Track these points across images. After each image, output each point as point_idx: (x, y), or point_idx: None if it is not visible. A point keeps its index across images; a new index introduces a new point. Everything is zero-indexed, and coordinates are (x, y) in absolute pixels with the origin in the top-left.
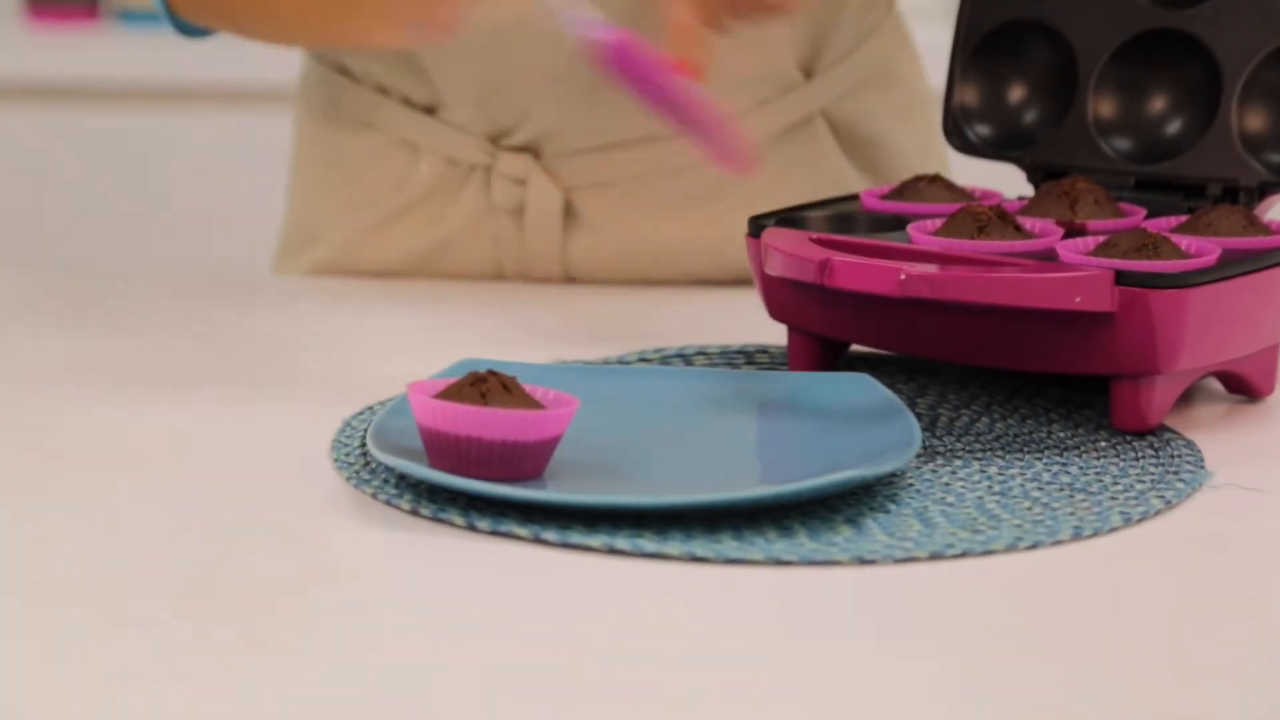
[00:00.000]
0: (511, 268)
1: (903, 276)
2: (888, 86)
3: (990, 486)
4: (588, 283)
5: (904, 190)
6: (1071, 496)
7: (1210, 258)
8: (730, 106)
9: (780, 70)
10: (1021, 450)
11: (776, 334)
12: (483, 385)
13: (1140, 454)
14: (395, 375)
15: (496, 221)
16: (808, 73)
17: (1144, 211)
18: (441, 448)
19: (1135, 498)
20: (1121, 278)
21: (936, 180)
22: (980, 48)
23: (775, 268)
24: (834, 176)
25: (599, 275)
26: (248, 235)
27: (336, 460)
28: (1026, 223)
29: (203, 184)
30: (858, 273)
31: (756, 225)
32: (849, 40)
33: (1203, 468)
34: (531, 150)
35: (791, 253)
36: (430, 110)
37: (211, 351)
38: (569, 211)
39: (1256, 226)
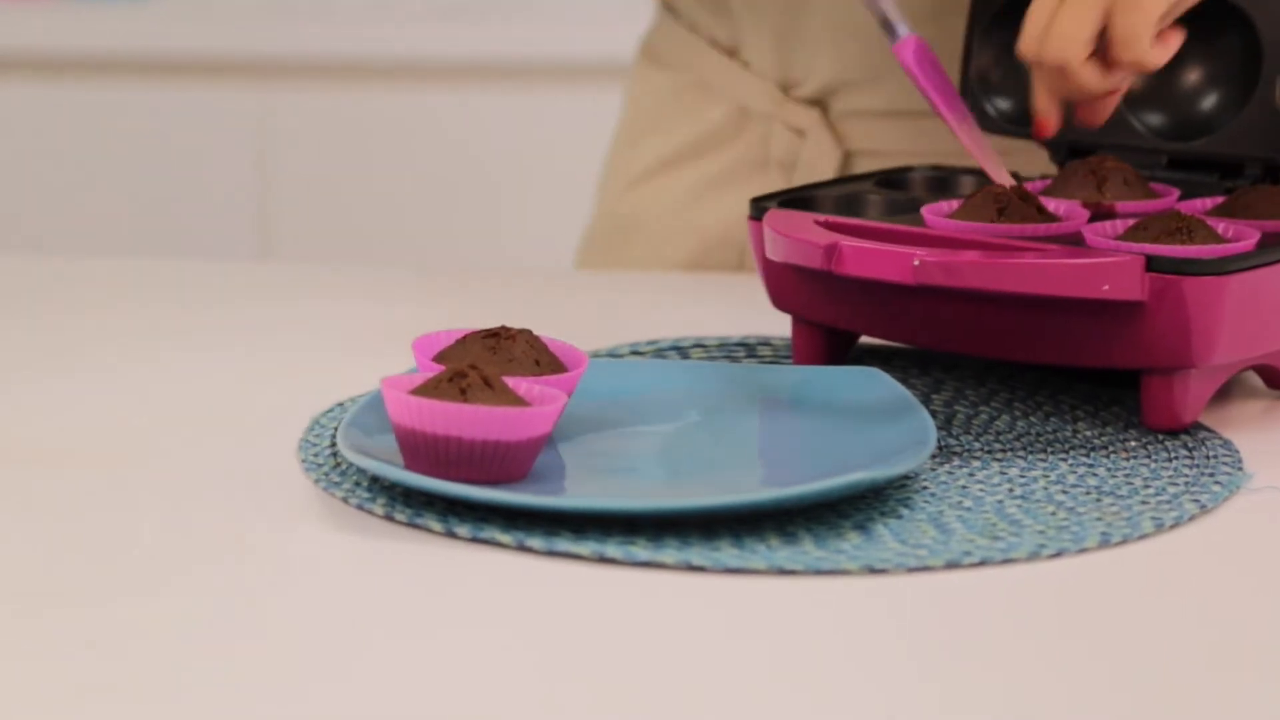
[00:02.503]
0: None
1: (916, 262)
2: None
3: (1011, 490)
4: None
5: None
6: (1099, 500)
7: (1249, 242)
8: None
9: None
10: (1045, 450)
11: (780, 324)
12: (462, 380)
13: (1173, 454)
14: (368, 369)
15: (766, 176)
16: None
17: (1177, 192)
18: (418, 448)
19: (1168, 502)
20: (1153, 264)
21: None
22: (1000, 14)
23: (779, 253)
24: None
25: None
26: (223, 216)
27: (304, 461)
28: (1050, 204)
29: (175, 161)
30: (868, 258)
31: (758, 207)
32: None
33: (1241, 469)
34: (820, 104)
35: (796, 237)
36: (731, 53)
37: (169, 343)
38: None
39: None
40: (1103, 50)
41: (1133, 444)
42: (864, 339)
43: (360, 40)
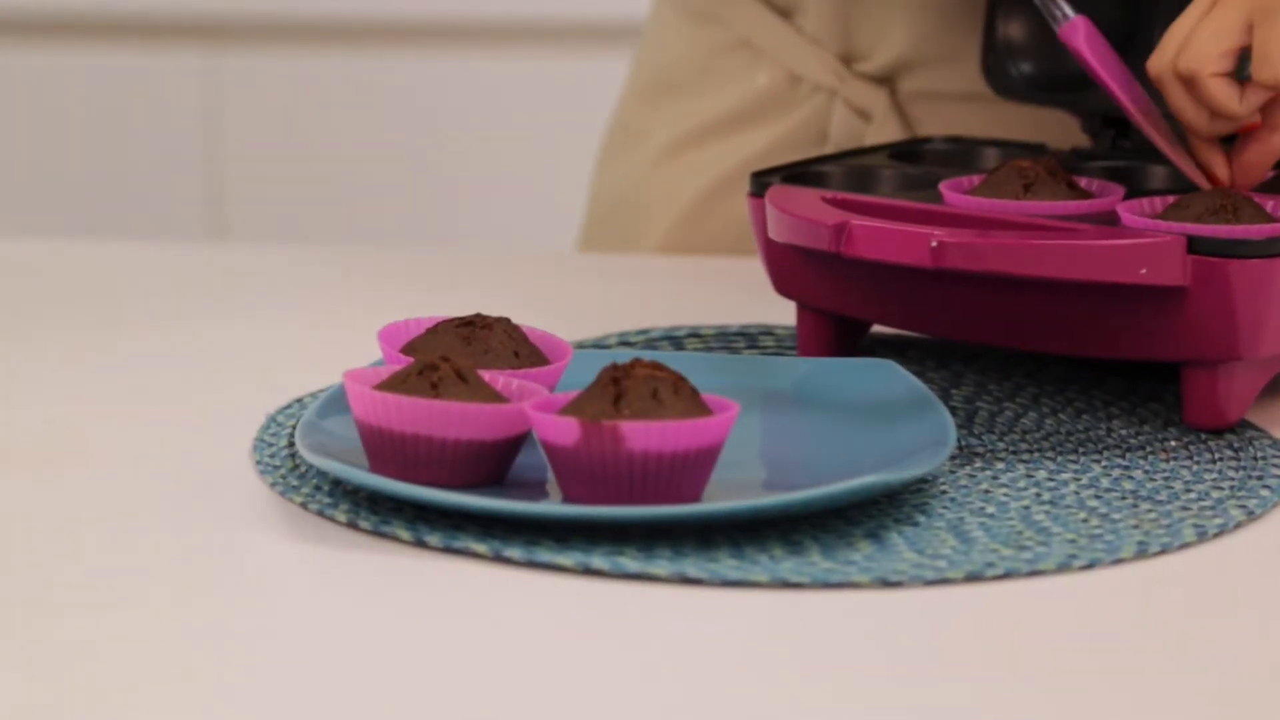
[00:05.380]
0: None
1: (934, 243)
2: None
3: (1038, 494)
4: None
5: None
6: (1135, 506)
7: None
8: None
9: None
10: (1076, 451)
11: (784, 312)
12: (434, 374)
13: (1217, 455)
14: (329, 361)
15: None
16: None
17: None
18: (385, 448)
19: (1211, 507)
20: (1195, 245)
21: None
22: None
23: (782, 233)
24: None
25: None
26: (167, 192)
27: (260, 463)
28: (1082, 180)
29: (112, 132)
30: (881, 239)
31: (759, 182)
32: None
33: None
34: (887, 82)
35: (801, 215)
36: (786, 13)
37: (109, 334)
38: None
39: None
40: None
41: (1173, 444)
42: (876, 328)
43: None
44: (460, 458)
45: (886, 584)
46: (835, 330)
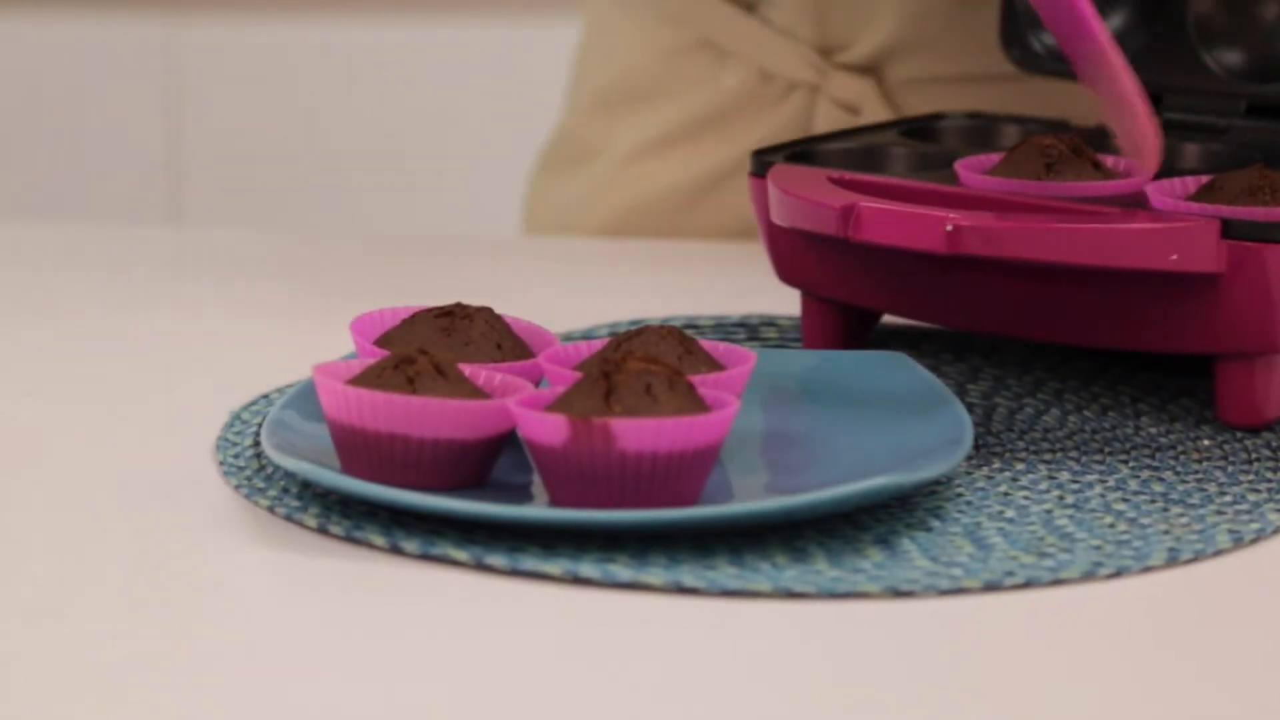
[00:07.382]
0: None
1: (949, 227)
2: None
3: (1061, 497)
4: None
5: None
6: (1166, 510)
7: None
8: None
9: None
10: (1101, 451)
11: (787, 301)
12: (410, 368)
13: (1254, 456)
14: (298, 354)
15: None
16: None
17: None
18: (358, 448)
19: (1247, 511)
20: (1230, 229)
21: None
22: None
23: (786, 216)
24: None
25: None
26: (125, 171)
27: (223, 464)
28: (1109, 159)
29: (66, 106)
30: (892, 222)
31: (761, 162)
32: None
33: None
34: (872, 72)
35: (806, 197)
36: (750, 7)
37: (60, 324)
38: None
39: None
40: None
41: (1206, 443)
42: (887, 318)
43: None
44: (439, 458)
45: (898, 594)
46: (843, 321)
